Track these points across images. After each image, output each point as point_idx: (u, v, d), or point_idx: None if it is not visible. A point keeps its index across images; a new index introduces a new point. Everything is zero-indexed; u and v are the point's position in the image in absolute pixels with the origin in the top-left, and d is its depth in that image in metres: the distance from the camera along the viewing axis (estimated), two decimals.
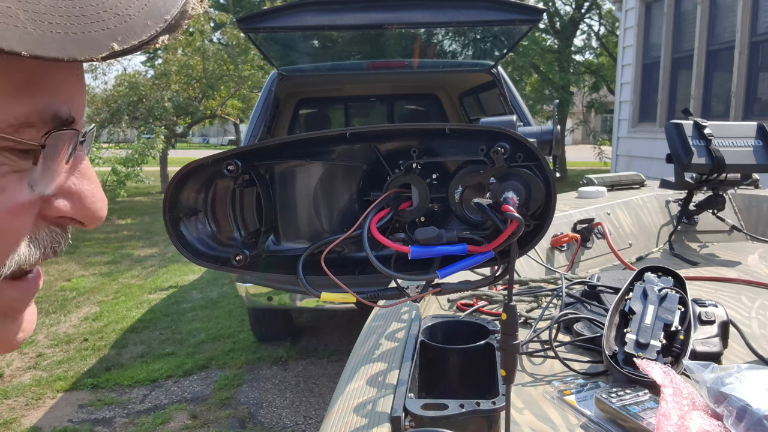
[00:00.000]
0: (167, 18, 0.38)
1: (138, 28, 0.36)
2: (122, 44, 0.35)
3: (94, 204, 0.42)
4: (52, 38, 0.32)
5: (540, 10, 3.58)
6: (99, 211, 0.42)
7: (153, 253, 6.91)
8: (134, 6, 0.37)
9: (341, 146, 0.68)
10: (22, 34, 0.32)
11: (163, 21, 0.37)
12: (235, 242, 0.68)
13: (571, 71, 13.65)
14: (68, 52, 0.33)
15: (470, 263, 0.65)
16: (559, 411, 0.83)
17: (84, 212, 0.42)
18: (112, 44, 0.35)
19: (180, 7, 0.39)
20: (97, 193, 0.43)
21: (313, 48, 4.26)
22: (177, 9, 0.39)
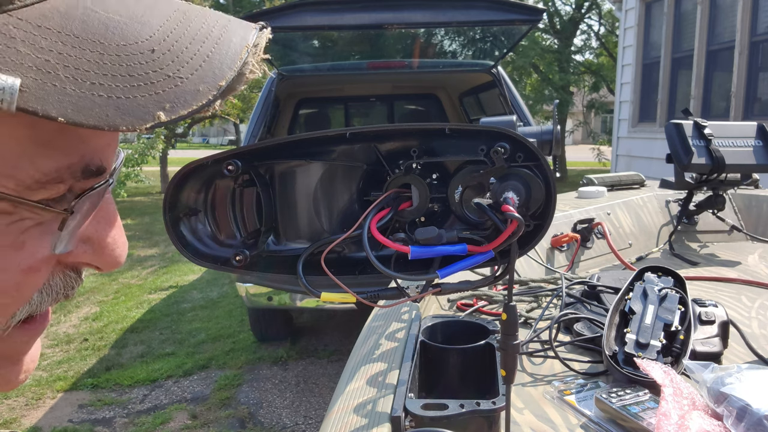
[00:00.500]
0: (222, 84, 0.33)
1: (189, 95, 0.32)
2: (169, 114, 0.31)
3: (113, 251, 0.39)
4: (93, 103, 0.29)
5: (540, 10, 3.58)
6: (119, 258, 0.40)
7: (153, 253, 6.91)
8: (187, 66, 0.33)
9: (341, 146, 0.68)
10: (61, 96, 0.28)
11: (216, 88, 0.33)
12: (235, 242, 0.68)
13: (571, 71, 13.64)
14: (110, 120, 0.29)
15: (470, 263, 0.65)
16: (559, 411, 0.83)
17: (103, 260, 0.39)
18: (159, 113, 0.31)
19: (237, 70, 0.34)
20: (119, 239, 0.40)
21: (313, 48, 4.27)
22: (233, 72, 0.34)
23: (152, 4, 0.35)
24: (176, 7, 0.37)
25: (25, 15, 0.29)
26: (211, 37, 0.35)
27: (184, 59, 0.33)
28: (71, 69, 0.29)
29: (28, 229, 0.33)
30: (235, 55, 0.35)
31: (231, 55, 0.35)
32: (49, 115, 0.28)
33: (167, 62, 0.32)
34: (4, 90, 0.27)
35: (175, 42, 0.33)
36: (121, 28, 0.32)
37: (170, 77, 0.32)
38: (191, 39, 0.34)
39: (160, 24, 0.34)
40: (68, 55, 0.29)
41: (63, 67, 0.29)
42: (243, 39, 0.36)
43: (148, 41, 0.32)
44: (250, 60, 0.35)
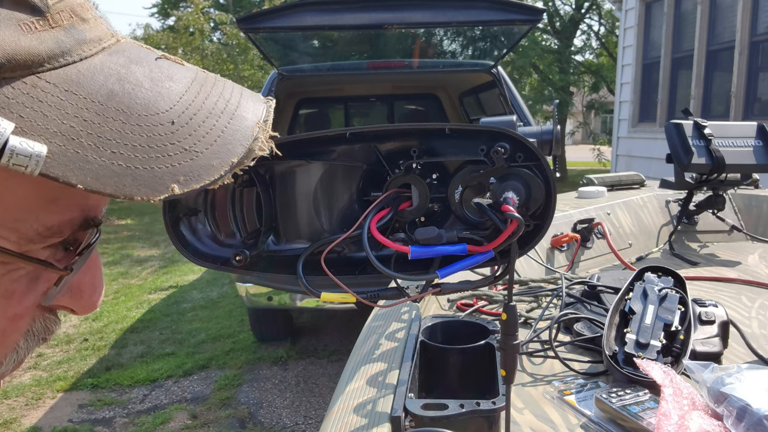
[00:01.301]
0: (234, 161, 0.34)
1: (203, 169, 0.33)
2: (183, 187, 0.32)
3: (91, 297, 0.40)
4: (113, 172, 0.30)
5: (540, 10, 3.57)
6: (96, 302, 0.40)
7: (153, 253, 6.91)
8: (203, 140, 0.34)
9: (341, 146, 0.68)
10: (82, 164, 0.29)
11: (229, 164, 0.34)
12: (235, 242, 0.68)
13: (571, 72, 13.64)
14: (126, 190, 0.30)
15: (470, 263, 0.65)
16: (559, 411, 0.83)
17: (80, 304, 0.40)
18: (173, 186, 0.32)
19: (248, 146, 0.36)
20: (97, 284, 0.40)
21: (313, 48, 4.26)
22: (245, 148, 0.36)
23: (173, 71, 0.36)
24: (194, 75, 0.38)
25: (54, 78, 0.30)
26: (226, 112, 0.36)
27: (200, 133, 0.34)
28: (94, 137, 0.30)
29: (19, 278, 0.34)
30: (248, 131, 0.36)
31: (244, 131, 0.36)
32: (69, 182, 0.28)
33: (185, 135, 0.33)
34: (31, 157, 0.27)
35: (194, 115, 0.34)
36: (144, 97, 0.33)
37: (187, 150, 0.33)
38: (208, 113, 0.35)
39: (180, 94, 0.35)
40: (92, 123, 0.30)
41: (86, 134, 0.29)
42: (255, 115, 0.38)
43: (168, 113, 0.33)
44: (260, 136, 0.37)
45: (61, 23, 0.32)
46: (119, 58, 0.34)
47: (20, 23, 0.29)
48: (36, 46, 0.30)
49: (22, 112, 0.28)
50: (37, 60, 0.30)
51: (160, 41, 11.13)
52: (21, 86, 0.29)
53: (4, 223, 0.31)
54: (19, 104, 0.28)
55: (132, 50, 0.36)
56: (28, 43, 0.30)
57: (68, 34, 0.32)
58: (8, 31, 0.29)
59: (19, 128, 0.28)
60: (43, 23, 0.31)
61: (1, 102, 0.28)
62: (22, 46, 0.29)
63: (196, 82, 0.37)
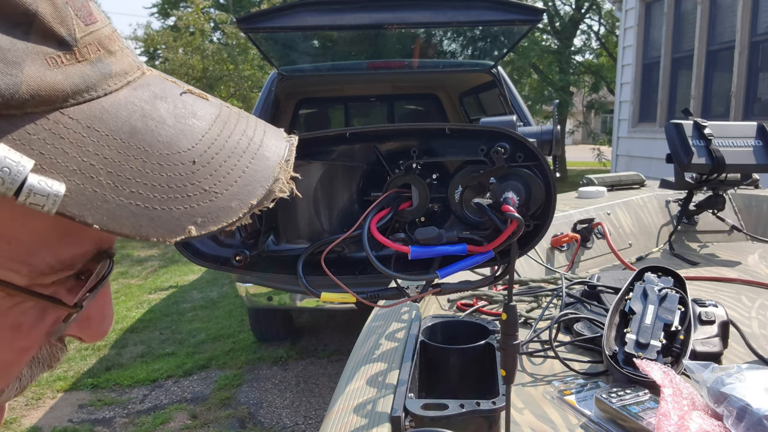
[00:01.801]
0: (253, 203, 0.34)
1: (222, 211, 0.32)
2: (200, 229, 0.31)
3: (100, 326, 0.39)
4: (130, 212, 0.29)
5: (540, 10, 3.57)
6: (105, 331, 0.39)
7: (153, 253, 6.90)
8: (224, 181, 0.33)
9: (341, 146, 0.68)
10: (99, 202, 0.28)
11: (248, 206, 0.33)
12: (235, 242, 0.68)
13: (571, 72, 13.64)
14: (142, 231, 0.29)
15: (470, 263, 0.65)
16: (559, 411, 0.83)
17: (87, 333, 0.39)
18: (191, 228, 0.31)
19: (268, 188, 0.35)
20: (107, 313, 0.39)
21: (313, 48, 4.26)
22: (265, 189, 0.35)
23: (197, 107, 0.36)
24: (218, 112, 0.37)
25: (77, 114, 0.30)
26: (248, 151, 0.36)
27: (221, 173, 0.33)
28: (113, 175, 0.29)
29: (27, 310, 0.33)
30: (269, 171, 0.36)
31: (265, 171, 0.35)
32: (85, 222, 0.28)
33: (206, 175, 0.32)
34: (48, 196, 0.27)
35: (215, 154, 0.34)
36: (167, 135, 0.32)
37: (206, 192, 0.32)
38: (231, 152, 0.35)
39: (204, 132, 0.34)
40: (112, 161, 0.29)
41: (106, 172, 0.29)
42: (277, 155, 0.37)
43: (189, 152, 0.33)
44: (281, 177, 0.36)
45: (88, 57, 0.31)
46: (144, 93, 0.34)
47: (47, 57, 0.29)
48: (61, 82, 0.29)
49: (43, 149, 0.28)
50: (61, 95, 0.29)
51: (160, 41, 11.13)
52: (43, 122, 0.28)
53: (16, 257, 0.31)
54: (40, 141, 0.28)
55: (157, 84, 0.35)
56: (53, 78, 0.29)
57: (94, 68, 0.31)
58: (34, 66, 0.28)
59: (39, 165, 0.27)
60: (70, 57, 0.30)
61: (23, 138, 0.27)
62: (47, 81, 0.29)
63: (220, 119, 0.36)
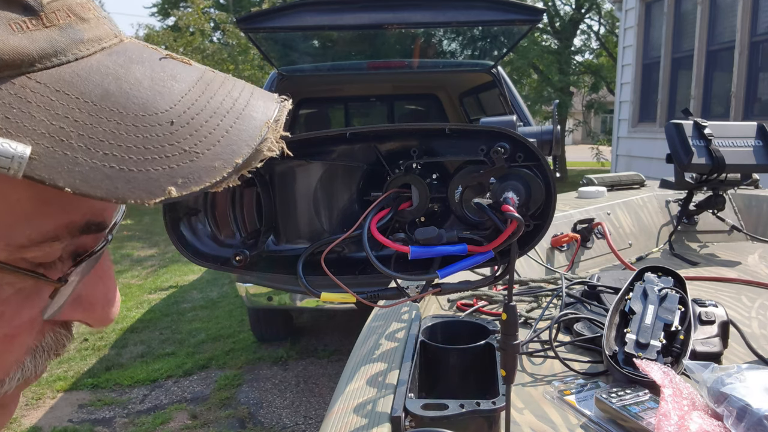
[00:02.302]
0: (238, 162, 0.32)
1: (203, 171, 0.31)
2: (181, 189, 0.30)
3: (104, 309, 0.38)
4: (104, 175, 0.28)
5: (540, 10, 3.58)
6: (110, 315, 0.38)
7: (153, 253, 6.91)
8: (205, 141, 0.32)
9: (341, 146, 0.68)
10: (71, 166, 0.27)
11: (233, 165, 0.32)
12: (235, 242, 0.68)
13: (571, 72, 13.64)
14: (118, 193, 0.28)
15: (470, 263, 0.65)
16: (559, 411, 0.83)
17: (93, 317, 0.37)
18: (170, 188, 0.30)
19: (255, 147, 0.33)
20: (111, 295, 0.38)
21: (313, 48, 4.26)
22: (251, 148, 0.33)
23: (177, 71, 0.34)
24: (200, 75, 0.36)
25: (45, 78, 0.29)
26: (233, 111, 0.34)
27: (202, 133, 0.32)
28: (85, 138, 0.28)
29: (7, 297, 0.32)
30: (255, 131, 0.34)
31: (251, 131, 0.34)
32: (56, 185, 0.27)
33: (185, 136, 0.31)
34: (13, 158, 0.26)
35: (196, 114, 0.33)
36: (142, 97, 0.31)
37: (186, 152, 0.31)
38: (212, 112, 0.33)
39: (183, 94, 0.33)
40: (84, 123, 0.29)
41: (77, 135, 0.28)
42: (264, 114, 0.36)
43: (167, 112, 0.32)
44: (269, 136, 0.35)
45: (57, 23, 0.30)
46: (119, 58, 0.33)
47: (10, 23, 0.28)
48: (26, 46, 0.29)
49: (8, 113, 0.27)
50: (27, 60, 0.29)
51: (161, 41, 11.13)
52: (8, 87, 0.28)
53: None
54: (5, 105, 0.27)
55: (135, 50, 0.34)
56: (18, 43, 0.28)
57: (63, 34, 0.30)
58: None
59: (3, 129, 0.27)
60: (36, 23, 0.29)
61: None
62: (11, 45, 0.28)
63: (202, 81, 0.35)
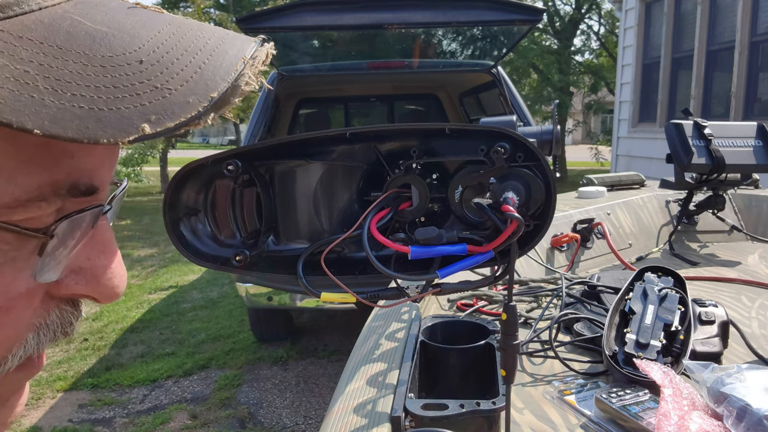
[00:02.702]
0: (213, 96, 0.32)
1: (177, 106, 0.30)
2: (155, 126, 0.29)
3: (110, 281, 0.37)
4: (73, 115, 0.27)
5: (540, 10, 3.58)
6: (115, 289, 0.37)
7: (153, 253, 6.91)
8: (177, 78, 0.31)
9: (341, 146, 0.68)
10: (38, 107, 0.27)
11: (208, 99, 0.31)
12: (235, 242, 0.68)
13: (571, 72, 13.64)
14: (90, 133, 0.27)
15: (470, 263, 0.65)
16: (559, 411, 0.83)
17: (98, 290, 0.37)
18: (144, 125, 0.29)
19: (231, 82, 0.33)
20: (116, 268, 0.38)
21: (313, 48, 4.26)
22: (227, 83, 0.33)
23: (146, 17, 0.34)
24: (170, 20, 0.35)
25: (7, 26, 0.28)
26: (205, 49, 0.34)
27: (174, 70, 0.31)
28: (51, 80, 0.28)
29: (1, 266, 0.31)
30: (230, 66, 0.33)
31: (225, 66, 0.33)
32: (24, 128, 0.26)
33: (156, 73, 0.31)
34: None
35: (166, 53, 0.32)
36: (108, 40, 0.31)
37: (158, 89, 0.30)
38: (183, 50, 0.33)
39: (151, 36, 0.33)
40: (49, 66, 0.28)
41: (43, 78, 0.27)
42: (240, 51, 0.35)
43: (136, 52, 0.31)
44: (246, 72, 0.34)
45: None
46: (85, 7, 0.32)
47: None
48: None
49: None
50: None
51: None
52: None
53: None
54: None
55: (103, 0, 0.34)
56: None
57: None
58: None
59: None
60: None
61: None
62: None
63: (173, 24, 0.34)
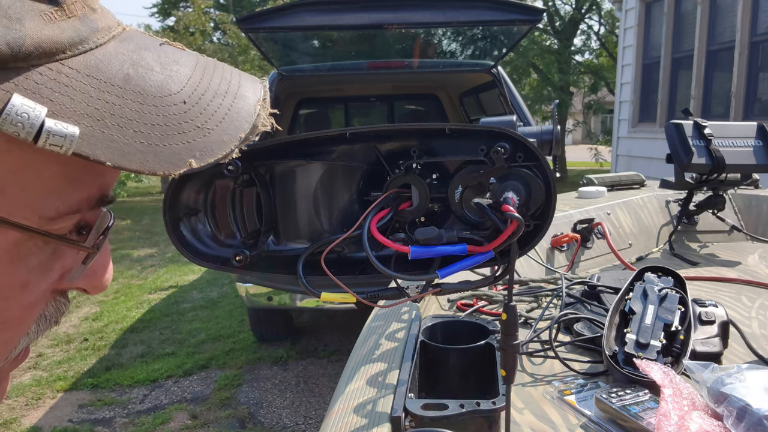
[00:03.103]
0: (242, 136, 0.37)
1: (216, 144, 0.35)
2: (199, 161, 0.34)
3: (103, 276, 0.42)
4: (136, 150, 0.32)
5: (540, 10, 3.57)
6: (107, 282, 0.42)
7: (153, 253, 6.90)
8: (213, 118, 0.36)
9: (341, 146, 0.68)
10: (108, 142, 0.31)
11: (238, 139, 0.37)
12: (235, 242, 0.68)
13: (571, 72, 13.64)
14: (149, 166, 0.32)
15: (470, 263, 0.65)
16: (559, 411, 0.83)
17: (93, 284, 0.41)
18: (191, 161, 0.34)
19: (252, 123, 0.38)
20: (108, 264, 0.42)
21: (313, 48, 4.26)
22: (249, 125, 0.38)
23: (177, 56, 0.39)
24: (196, 60, 0.40)
25: (76, 64, 0.32)
26: (230, 92, 0.39)
27: (209, 112, 0.36)
28: (117, 117, 0.32)
29: (33, 267, 0.35)
30: (251, 108, 0.39)
31: (247, 109, 0.39)
32: (99, 160, 0.30)
33: (197, 114, 0.36)
34: (66, 137, 0.29)
35: (202, 96, 0.37)
36: (157, 80, 0.35)
37: (200, 128, 0.35)
38: (214, 93, 0.38)
39: (188, 77, 0.37)
40: (114, 104, 0.32)
41: (110, 115, 0.32)
42: (255, 94, 0.40)
43: (179, 94, 0.36)
44: (261, 113, 0.39)
45: (76, 13, 0.34)
46: (129, 45, 0.37)
47: (42, 14, 0.31)
48: (58, 35, 0.32)
49: (52, 97, 0.30)
50: (60, 48, 0.32)
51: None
52: (47, 72, 0.31)
53: (29, 204, 0.33)
54: (48, 89, 0.30)
55: (138, 37, 0.39)
56: (51, 32, 0.31)
57: (83, 23, 0.34)
58: (33, 22, 0.31)
59: (51, 111, 0.30)
60: (60, 13, 0.32)
61: (33, 88, 0.30)
62: (46, 34, 0.31)
63: (199, 65, 0.40)
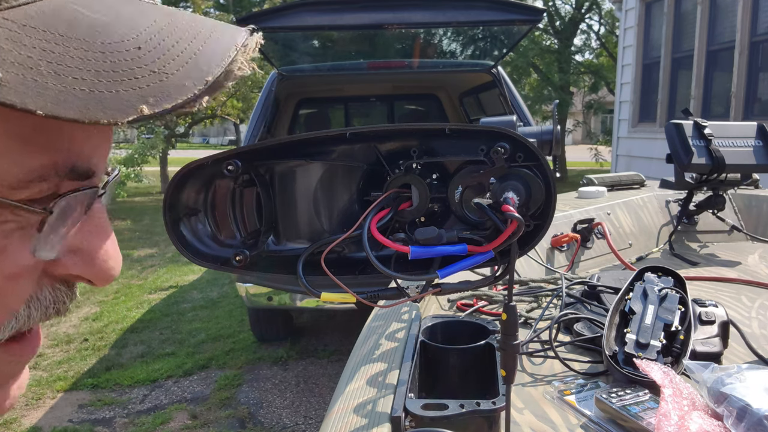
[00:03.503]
0: (209, 79, 0.33)
1: (173, 88, 0.32)
2: (153, 107, 0.31)
3: (105, 263, 0.38)
4: (74, 97, 0.29)
5: (540, 10, 3.58)
6: (110, 270, 0.38)
7: (153, 253, 6.91)
8: (174, 63, 0.33)
9: (341, 146, 0.68)
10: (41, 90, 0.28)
11: (203, 83, 0.33)
12: (235, 242, 0.68)
13: (571, 71, 13.64)
14: (90, 114, 0.29)
15: (470, 263, 0.65)
16: (559, 411, 0.83)
17: (93, 272, 0.38)
18: (142, 107, 0.31)
19: (225, 67, 0.34)
20: (111, 251, 0.38)
21: (313, 48, 4.26)
22: (221, 69, 0.34)
23: (142, 7, 0.35)
24: (165, 11, 0.37)
25: (11, 15, 0.29)
26: (199, 37, 0.35)
27: (170, 56, 0.33)
28: (54, 65, 0.29)
29: (11, 232, 0.33)
30: (224, 52, 0.35)
31: (219, 52, 0.35)
32: (26, 108, 0.27)
33: (153, 59, 0.32)
34: None
35: (163, 40, 0.33)
36: (107, 28, 0.32)
37: (155, 72, 0.32)
38: (179, 38, 0.34)
39: (148, 24, 0.34)
40: (51, 52, 0.29)
41: (46, 63, 0.29)
42: (232, 38, 0.36)
43: (134, 40, 0.32)
44: (239, 58, 0.35)
45: None
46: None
47: None
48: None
49: None
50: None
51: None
52: None
53: None
54: None
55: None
56: None
57: None
58: None
59: None
60: None
61: None
62: None
63: (168, 14, 0.36)
